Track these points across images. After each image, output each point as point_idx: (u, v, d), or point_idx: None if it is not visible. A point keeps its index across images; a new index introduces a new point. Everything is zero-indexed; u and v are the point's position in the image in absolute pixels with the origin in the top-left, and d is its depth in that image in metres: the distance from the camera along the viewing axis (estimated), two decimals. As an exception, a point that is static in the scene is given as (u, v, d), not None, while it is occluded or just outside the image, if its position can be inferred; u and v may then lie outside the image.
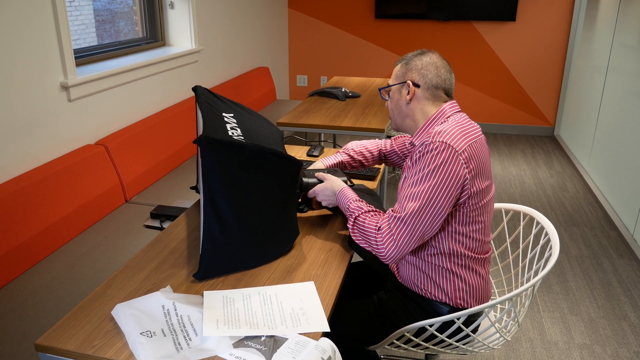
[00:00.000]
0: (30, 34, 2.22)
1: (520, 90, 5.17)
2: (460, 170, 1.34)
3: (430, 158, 1.35)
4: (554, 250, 1.53)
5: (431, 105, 1.49)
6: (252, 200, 1.40)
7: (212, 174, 1.33)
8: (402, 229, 1.35)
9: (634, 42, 3.41)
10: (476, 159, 1.38)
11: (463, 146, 1.36)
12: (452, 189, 1.34)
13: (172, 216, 2.38)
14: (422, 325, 1.42)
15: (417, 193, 1.35)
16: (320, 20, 5.38)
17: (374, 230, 1.40)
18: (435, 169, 1.34)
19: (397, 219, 1.36)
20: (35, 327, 1.73)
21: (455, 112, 1.48)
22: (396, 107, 1.53)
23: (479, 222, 1.43)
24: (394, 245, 1.36)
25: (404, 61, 1.52)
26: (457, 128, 1.40)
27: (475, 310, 1.37)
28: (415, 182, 1.36)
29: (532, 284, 1.39)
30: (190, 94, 3.60)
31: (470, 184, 1.37)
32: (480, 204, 1.41)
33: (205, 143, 1.31)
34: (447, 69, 1.50)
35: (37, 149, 2.30)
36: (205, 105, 1.57)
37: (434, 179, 1.33)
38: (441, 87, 1.48)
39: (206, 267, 1.36)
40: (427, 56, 1.50)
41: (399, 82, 1.52)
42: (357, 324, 1.53)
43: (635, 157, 3.21)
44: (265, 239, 1.44)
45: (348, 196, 1.53)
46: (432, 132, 1.40)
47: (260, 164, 1.40)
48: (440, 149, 1.34)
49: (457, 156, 1.34)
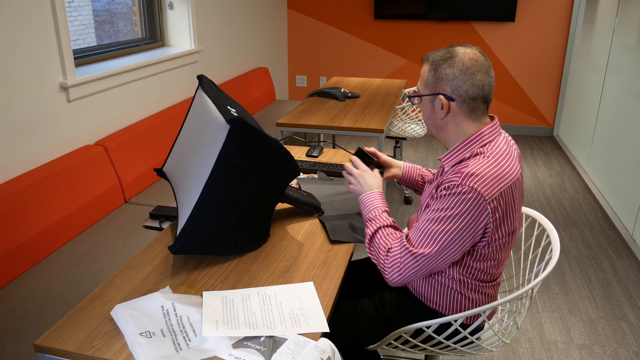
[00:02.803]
0: (30, 34, 2.22)
1: (519, 90, 5.17)
2: (485, 219, 1.27)
3: (457, 201, 1.26)
4: (554, 253, 1.52)
5: (468, 121, 1.35)
6: (246, 192, 1.42)
7: (229, 156, 1.34)
8: (412, 264, 1.31)
9: (633, 42, 3.41)
10: (504, 207, 1.30)
11: (494, 194, 1.27)
12: (472, 236, 1.29)
13: (171, 217, 2.38)
14: (420, 326, 1.41)
15: (436, 234, 1.29)
16: (319, 21, 5.38)
17: (384, 250, 1.36)
18: (459, 215, 1.26)
19: (409, 253, 1.31)
20: (34, 328, 1.72)
21: (496, 135, 1.35)
22: (429, 118, 1.41)
23: (495, 259, 1.39)
24: (398, 274, 1.33)
25: (432, 65, 1.36)
26: (491, 169, 1.28)
27: (472, 312, 1.36)
28: (436, 220, 1.29)
29: (530, 287, 1.38)
30: (189, 94, 3.60)
31: (492, 232, 1.31)
32: (499, 246, 1.36)
33: (238, 125, 1.31)
34: (484, 68, 1.32)
35: (36, 149, 2.30)
36: (211, 93, 1.57)
37: (455, 224, 1.27)
38: (479, 97, 1.33)
39: (183, 242, 1.37)
40: (458, 60, 1.32)
41: (430, 94, 1.37)
42: (357, 323, 1.53)
43: (634, 157, 3.21)
44: (243, 231, 1.46)
45: (375, 202, 1.46)
46: (463, 171, 1.28)
47: (270, 161, 1.42)
48: (469, 195, 1.25)
49: (484, 205, 1.26)
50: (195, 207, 1.36)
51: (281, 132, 2.96)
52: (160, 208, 2.45)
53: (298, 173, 1.52)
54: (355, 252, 3.08)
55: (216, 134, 1.39)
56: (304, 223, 1.69)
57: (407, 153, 4.79)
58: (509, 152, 1.34)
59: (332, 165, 2.12)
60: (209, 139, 1.44)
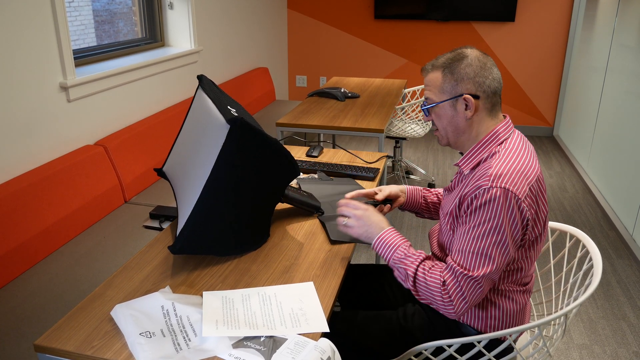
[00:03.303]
0: (30, 34, 2.22)
1: (519, 90, 5.17)
2: (524, 217, 1.24)
3: (494, 209, 1.21)
4: (595, 278, 1.40)
5: (489, 117, 1.33)
6: (246, 192, 1.42)
7: (229, 156, 1.34)
8: (476, 288, 1.24)
9: (633, 42, 3.41)
10: (535, 201, 1.27)
11: (525, 190, 1.23)
12: (519, 235, 1.26)
13: (171, 217, 2.38)
14: (441, 344, 1.34)
15: (488, 251, 1.22)
16: (319, 21, 5.38)
17: (438, 285, 1.26)
18: (502, 222, 1.21)
19: (469, 278, 1.23)
20: (34, 328, 1.72)
21: (510, 132, 1.34)
22: (451, 124, 1.35)
23: (527, 257, 1.34)
24: (465, 303, 1.24)
25: (445, 70, 1.33)
26: (516, 165, 1.25)
27: (498, 335, 1.29)
28: (481, 236, 1.23)
29: (564, 312, 1.29)
30: (189, 94, 3.60)
31: (531, 229, 1.28)
32: (533, 243, 1.32)
33: (238, 125, 1.31)
34: (492, 61, 1.33)
35: (36, 149, 2.30)
36: (211, 93, 1.57)
37: (501, 233, 1.22)
38: (498, 90, 1.32)
39: (183, 242, 1.37)
40: (473, 58, 1.31)
41: (452, 97, 1.32)
42: (378, 336, 1.46)
43: (634, 157, 3.21)
44: (243, 231, 1.46)
45: (395, 240, 1.36)
46: (491, 173, 1.24)
47: (270, 160, 1.42)
48: (505, 197, 1.21)
49: (520, 204, 1.22)
50: (195, 207, 1.36)
51: (281, 132, 2.96)
52: (160, 208, 2.45)
53: (298, 173, 1.52)
54: (355, 253, 3.08)
55: (216, 134, 1.39)
56: (304, 223, 1.69)
57: (407, 153, 4.79)
58: (526, 148, 1.32)
59: (332, 165, 2.12)
60: (209, 139, 1.44)
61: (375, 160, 2.23)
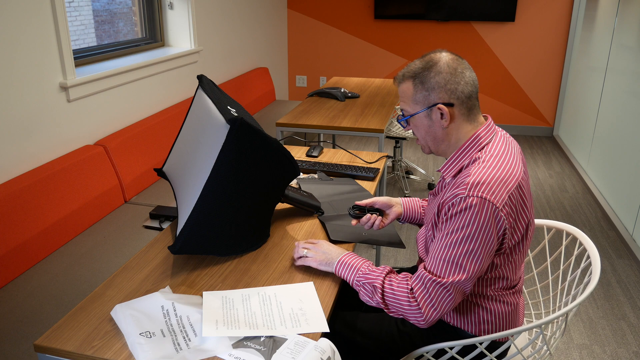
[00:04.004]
0: (30, 34, 2.22)
1: (519, 90, 5.17)
2: (501, 226, 1.22)
3: (470, 217, 1.20)
4: (594, 276, 1.39)
5: (467, 122, 1.31)
6: (246, 191, 1.41)
7: (229, 156, 1.34)
8: (445, 295, 1.22)
9: (633, 42, 3.41)
10: (515, 210, 1.24)
11: (504, 199, 1.21)
12: (493, 246, 1.23)
13: (171, 216, 2.38)
14: (442, 347, 1.34)
15: (460, 258, 1.21)
16: (319, 21, 5.38)
17: (405, 294, 1.25)
18: (477, 230, 1.20)
19: (438, 285, 1.22)
20: (34, 328, 1.72)
21: (492, 136, 1.31)
22: (429, 134, 1.34)
23: (512, 263, 1.32)
24: (434, 310, 1.23)
25: (415, 80, 1.30)
26: (495, 173, 1.23)
27: (499, 335, 1.29)
28: (455, 243, 1.21)
29: (564, 312, 1.29)
30: (189, 94, 3.60)
31: (509, 237, 1.26)
32: (514, 250, 1.30)
33: (238, 125, 1.31)
34: (467, 65, 1.30)
35: (36, 149, 2.30)
36: (211, 93, 1.57)
37: (476, 242, 1.20)
38: (473, 94, 1.30)
39: (184, 242, 1.37)
40: (442, 65, 1.28)
41: (425, 108, 1.30)
42: (377, 339, 1.46)
43: (634, 157, 3.21)
44: (243, 231, 1.46)
45: (353, 261, 1.36)
46: (468, 181, 1.22)
47: (270, 160, 1.42)
48: (481, 206, 1.19)
49: (498, 213, 1.20)
50: (195, 207, 1.36)
51: (281, 132, 2.96)
52: (160, 208, 2.45)
53: (298, 173, 1.52)
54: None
55: (216, 134, 1.39)
56: (304, 223, 1.69)
57: (407, 153, 4.79)
58: (508, 151, 1.30)
59: (332, 165, 2.12)
60: (209, 138, 1.44)
61: (375, 160, 2.23)
